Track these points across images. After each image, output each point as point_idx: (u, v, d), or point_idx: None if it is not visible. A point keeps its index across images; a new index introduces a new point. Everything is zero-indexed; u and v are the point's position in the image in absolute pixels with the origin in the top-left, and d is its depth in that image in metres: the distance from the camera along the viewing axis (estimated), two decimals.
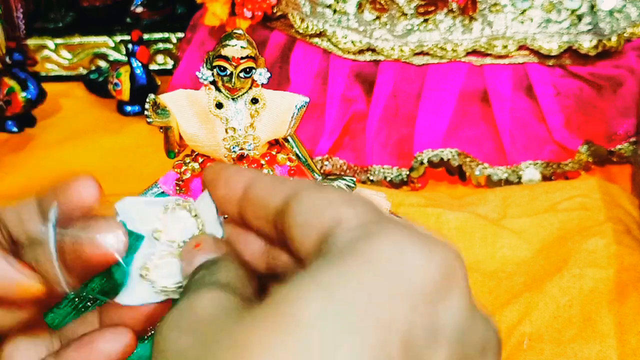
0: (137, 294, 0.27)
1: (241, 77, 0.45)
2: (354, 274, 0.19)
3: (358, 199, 0.23)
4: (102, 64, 0.96)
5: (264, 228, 0.25)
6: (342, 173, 0.72)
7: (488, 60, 0.71)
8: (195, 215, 0.28)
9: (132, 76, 0.84)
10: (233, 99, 0.46)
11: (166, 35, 0.95)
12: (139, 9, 0.99)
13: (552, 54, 0.71)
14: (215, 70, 0.45)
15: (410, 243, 0.20)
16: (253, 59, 0.45)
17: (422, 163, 0.69)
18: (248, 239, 0.26)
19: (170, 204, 0.28)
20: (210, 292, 0.22)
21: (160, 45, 0.95)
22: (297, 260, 0.23)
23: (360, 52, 0.72)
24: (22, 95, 0.81)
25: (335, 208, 0.22)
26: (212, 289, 0.23)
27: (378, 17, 0.71)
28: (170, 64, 0.95)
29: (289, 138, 0.48)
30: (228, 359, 0.19)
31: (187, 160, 0.48)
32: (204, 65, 0.45)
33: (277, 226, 0.24)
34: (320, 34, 0.73)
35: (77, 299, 0.29)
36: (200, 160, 0.48)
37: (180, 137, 0.46)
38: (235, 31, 0.45)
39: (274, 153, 0.48)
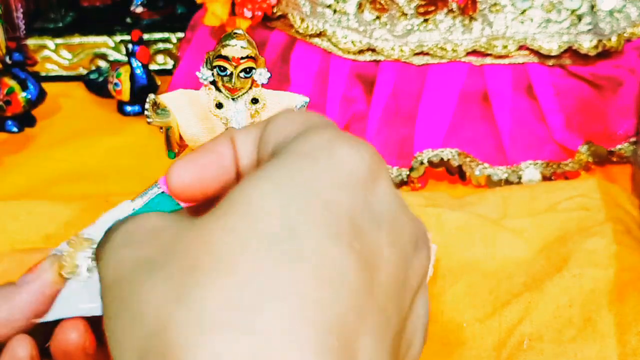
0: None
1: (241, 77, 0.45)
2: (296, 166, 0.21)
3: (317, 118, 0.24)
4: (102, 64, 0.96)
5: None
6: None
7: (488, 60, 0.71)
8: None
9: (132, 76, 0.84)
10: (233, 99, 0.46)
11: (166, 35, 0.95)
12: (139, 9, 0.99)
13: (552, 54, 0.71)
14: (215, 70, 0.45)
15: (336, 138, 0.22)
16: (253, 59, 0.45)
17: (422, 163, 0.69)
18: None
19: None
20: (151, 213, 0.23)
21: (160, 45, 0.95)
22: None
23: (361, 52, 0.72)
24: (22, 95, 0.80)
25: (294, 125, 0.23)
26: (149, 213, 0.23)
27: (378, 17, 0.71)
28: (170, 64, 0.95)
29: None
30: (195, 251, 0.19)
31: None
32: (204, 65, 0.46)
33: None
34: (320, 34, 0.73)
35: None
36: None
37: (180, 137, 0.46)
38: (235, 31, 0.45)
39: None
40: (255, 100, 0.46)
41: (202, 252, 0.19)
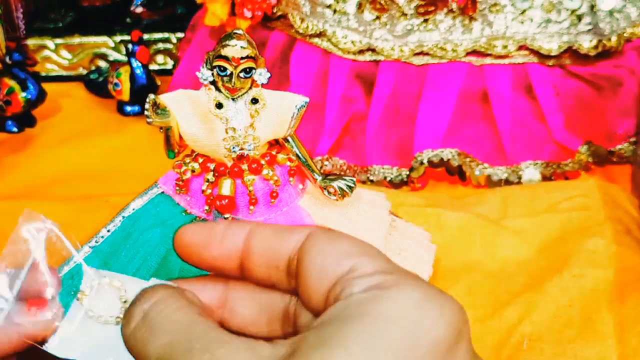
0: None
1: (241, 77, 0.45)
2: (377, 333, 0.21)
3: (370, 247, 0.24)
4: (102, 64, 0.96)
5: (270, 277, 0.26)
6: (342, 173, 0.72)
7: (488, 60, 0.71)
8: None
9: (132, 76, 0.84)
10: (233, 99, 0.46)
11: (166, 35, 0.95)
12: (139, 9, 0.99)
13: (552, 54, 0.71)
14: (215, 70, 0.45)
15: (424, 299, 0.22)
16: (253, 59, 0.45)
17: (422, 163, 0.69)
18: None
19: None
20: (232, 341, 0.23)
21: (160, 45, 0.95)
22: (307, 306, 0.25)
23: (360, 52, 0.72)
24: (22, 95, 0.81)
25: (349, 257, 0.23)
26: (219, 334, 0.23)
27: (378, 17, 0.71)
28: (170, 64, 0.95)
29: (289, 138, 0.48)
30: None
31: (187, 160, 0.48)
32: (204, 65, 0.45)
33: (291, 272, 0.25)
34: (320, 34, 0.73)
35: None
36: (200, 160, 0.48)
37: (180, 137, 0.46)
38: (235, 31, 0.45)
39: (274, 153, 0.48)
40: (255, 100, 0.46)
41: None
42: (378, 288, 0.22)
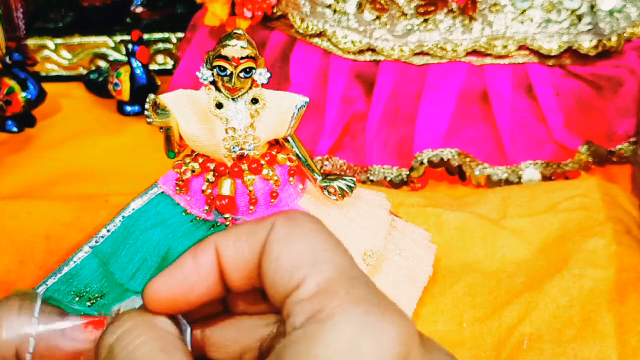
0: None
1: (241, 77, 0.45)
2: None
3: (324, 250, 0.23)
4: (102, 64, 0.96)
5: (255, 285, 0.25)
6: (342, 173, 0.72)
7: (488, 60, 0.71)
8: None
9: (132, 76, 0.84)
10: (233, 99, 0.46)
11: (166, 35, 0.95)
12: (139, 9, 0.99)
13: (552, 54, 0.71)
14: (215, 70, 0.45)
15: (358, 332, 0.21)
16: (253, 59, 0.45)
17: (422, 163, 0.69)
18: None
19: None
20: None
21: (160, 45, 0.95)
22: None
23: (360, 52, 0.72)
24: (22, 95, 0.81)
25: (299, 268, 0.23)
26: None
27: (378, 17, 0.71)
28: (170, 64, 0.95)
29: (289, 138, 0.48)
30: None
31: (187, 160, 0.48)
32: (204, 65, 0.46)
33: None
34: (320, 34, 0.73)
35: None
36: (200, 160, 0.48)
37: (180, 137, 0.46)
38: (235, 31, 0.45)
39: (274, 153, 0.48)
40: (255, 100, 0.46)
41: None
42: (313, 321, 0.22)
